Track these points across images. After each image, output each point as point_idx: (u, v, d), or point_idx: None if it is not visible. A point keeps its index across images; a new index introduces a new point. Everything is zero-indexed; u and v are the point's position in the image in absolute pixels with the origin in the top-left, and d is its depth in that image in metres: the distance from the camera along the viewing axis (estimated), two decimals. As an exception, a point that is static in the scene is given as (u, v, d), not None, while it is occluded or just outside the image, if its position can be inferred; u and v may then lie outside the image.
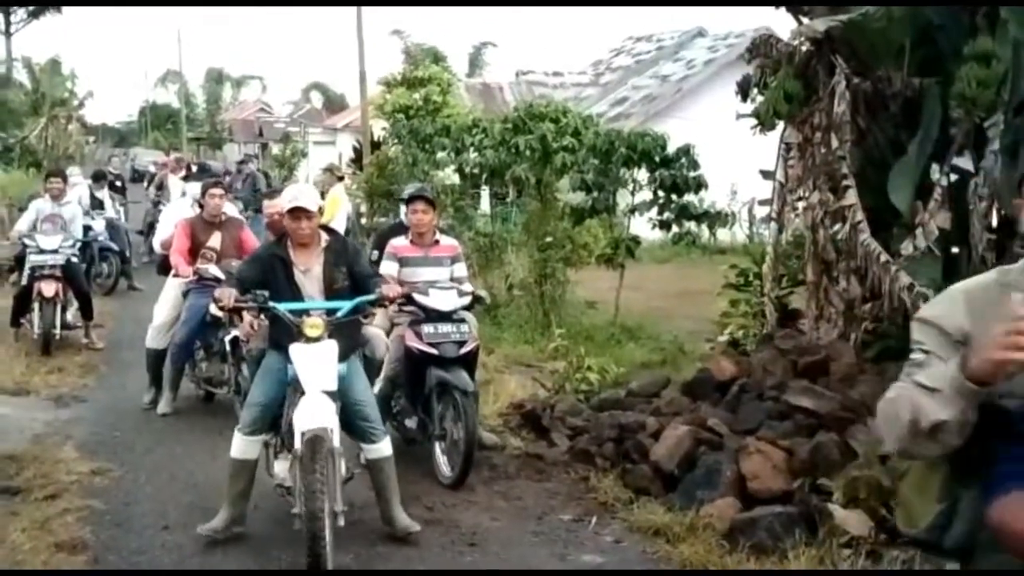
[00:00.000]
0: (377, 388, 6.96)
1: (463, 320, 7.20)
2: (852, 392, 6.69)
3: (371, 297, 5.85)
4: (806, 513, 5.74)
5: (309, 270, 5.89)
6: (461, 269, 7.68)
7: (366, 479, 6.04)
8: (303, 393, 5.47)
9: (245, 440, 5.85)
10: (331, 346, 5.55)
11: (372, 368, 6.81)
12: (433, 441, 7.10)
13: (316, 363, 5.49)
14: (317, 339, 5.52)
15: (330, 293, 5.87)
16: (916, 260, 7.49)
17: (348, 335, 5.87)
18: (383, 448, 5.85)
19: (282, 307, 5.67)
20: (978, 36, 7.29)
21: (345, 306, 5.77)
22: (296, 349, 5.52)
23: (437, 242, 7.59)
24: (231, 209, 9.56)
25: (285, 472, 5.85)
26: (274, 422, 5.89)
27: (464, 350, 7.03)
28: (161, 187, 19.32)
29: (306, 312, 5.66)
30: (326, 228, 6.15)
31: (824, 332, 8.07)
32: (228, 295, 5.66)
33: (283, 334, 5.70)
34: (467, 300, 7.27)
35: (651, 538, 6.01)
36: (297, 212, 5.76)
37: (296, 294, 5.83)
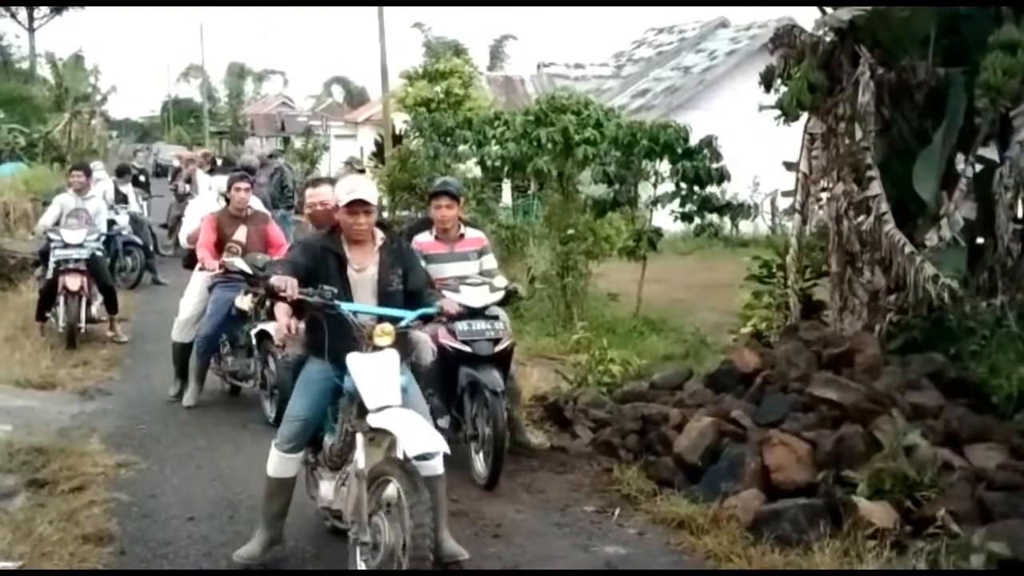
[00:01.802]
0: None
1: (496, 316, 6.98)
2: (877, 384, 6.65)
3: (431, 311, 5.37)
4: (831, 505, 5.72)
5: (364, 270, 5.41)
6: (490, 261, 7.45)
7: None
8: (358, 407, 4.98)
9: (284, 458, 5.43)
10: (394, 356, 5.06)
11: (419, 376, 6.14)
12: (468, 442, 6.96)
13: (379, 375, 4.95)
14: (381, 348, 5.04)
15: (383, 297, 5.38)
16: (941, 251, 7.46)
17: (401, 342, 5.34)
18: (437, 466, 5.18)
19: (346, 308, 5.14)
20: (1003, 25, 7.25)
21: (409, 316, 5.28)
22: (357, 359, 4.99)
23: (462, 236, 7.40)
24: (256, 203, 9.56)
25: (332, 493, 5.39)
26: (314, 437, 5.51)
27: (499, 348, 6.90)
28: (190, 181, 19.40)
29: (375, 317, 5.19)
30: (382, 225, 5.66)
31: (848, 323, 8.04)
32: (291, 286, 5.03)
33: (338, 339, 5.16)
34: (500, 295, 6.97)
35: (674, 530, 6.01)
36: (356, 205, 5.29)
37: (347, 295, 5.30)
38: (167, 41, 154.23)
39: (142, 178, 21.15)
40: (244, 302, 8.62)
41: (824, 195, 8.37)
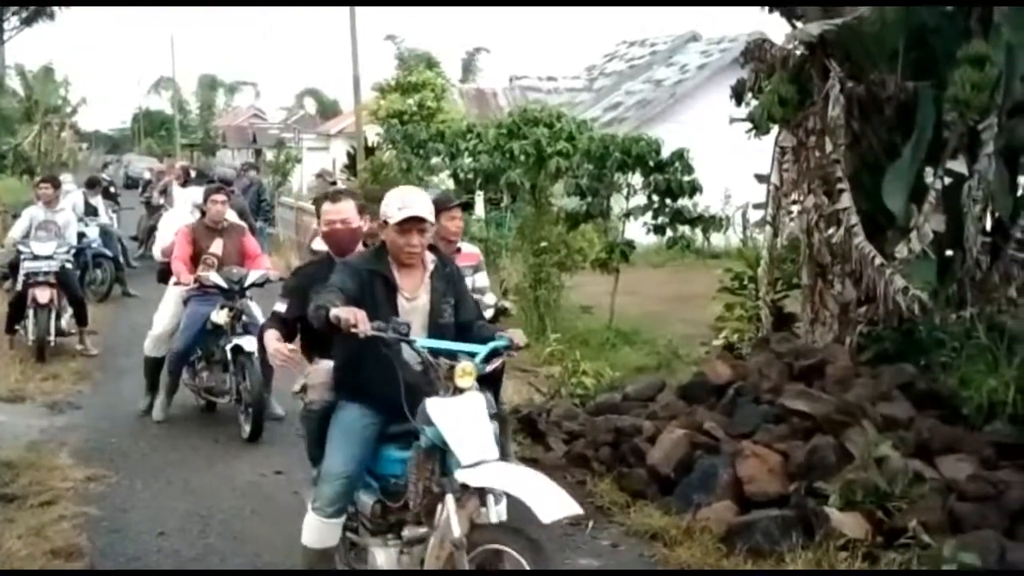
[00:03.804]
0: None
1: None
2: (848, 395, 6.69)
3: (502, 343, 4.61)
4: (803, 516, 5.74)
5: (415, 298, 4.72)
6: (483, 279, 7.13)
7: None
8: (441, 462, 4.31)
9: (325, 524, 4.69)
10: (481, 400, 4.36)
11: None
12: None
13: (471, 423, 4.26)
14: (463, 390, 4.33)
15: (433, 330, 4.70)
16: (911, 263, 7.51)
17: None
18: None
19: (420, 344, 4.42)
20: (972, 39, 7.31)
21: (482, 351, 4.52)
22: (440, 406, 4.26)
23: (459, 250, 6.76)
24: (232, 215, 9.49)
25: (392, 563, 4.67)
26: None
27: (489, 368, 6.68)
28: (165, 192, 19.33)
29: (450, 355, 4.44)
30: (430, 247, 4.91)
31: (819, 335, 8.08)
32: (361, 319, 4.24)
33: (382, 380, 4.45)
34: (490, 313, 6.66)
35: (648, 542, 6.02)
36: (410, 224, 4.57)
37: None
38: (138, 53, 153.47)
39: (111, 190, 21.02)
40: (220, 316, 8.49)
41: (795, 208, 8.41)
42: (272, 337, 5.22)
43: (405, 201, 4.60)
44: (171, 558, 5.82)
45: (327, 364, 4.93)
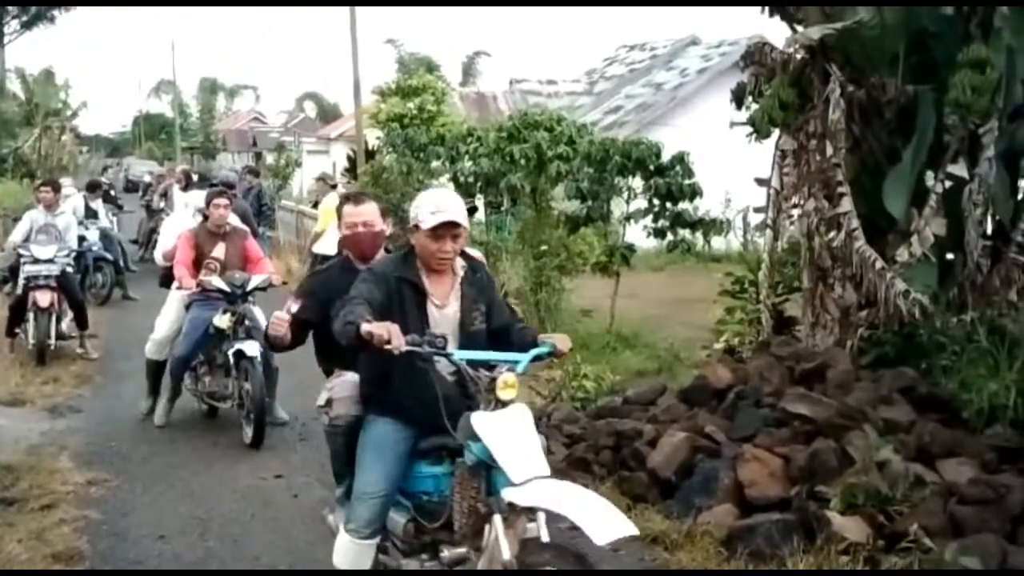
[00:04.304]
0: None
1: None
2: (849, 399, 6.68)
3: (544, 350, 4.44)
4: (804, 520, 5.73)
5: (445, 307, 4.51)
6: None
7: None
8: (487, 479, 4.09)
9: (360, 546, 4.49)
10: (527, 413, 4.17)
11: None
12: None
13: (519, 438, 4.04)
14: (506, 403, 4.11)
15: (464, 339, 4.47)
16: (911, 267, 7.51)
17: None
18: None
19: (459, 355, 4.22)
20: (972, 43, 7.32)
21: (524, 359, 4.33)
22: (486, 420, 4.04)
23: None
24: (234, 219, 9.44)
25: None
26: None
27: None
28: (165, 196, 19.34)
29: (486, 366, 4.24)
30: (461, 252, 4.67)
31: (820, 339, 8.08)
32: (395, 334, 3.99)
33: (416, 393, 4.32)
34: None
35: (649, 545, 6.00)
36: (444, 229, 4.36)
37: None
38: (138, 56, 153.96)
39: (111, 193, 21.04)
40: (222, 321, 8.42)
41: (795, 211, 8.41)
42: (278, 314, 5.03)
43: (439, 205, 4.38)
44: (171, 562, 5.82)
45: (351, 376, 4.72)
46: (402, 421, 4.44)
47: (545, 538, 3.94)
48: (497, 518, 3.97)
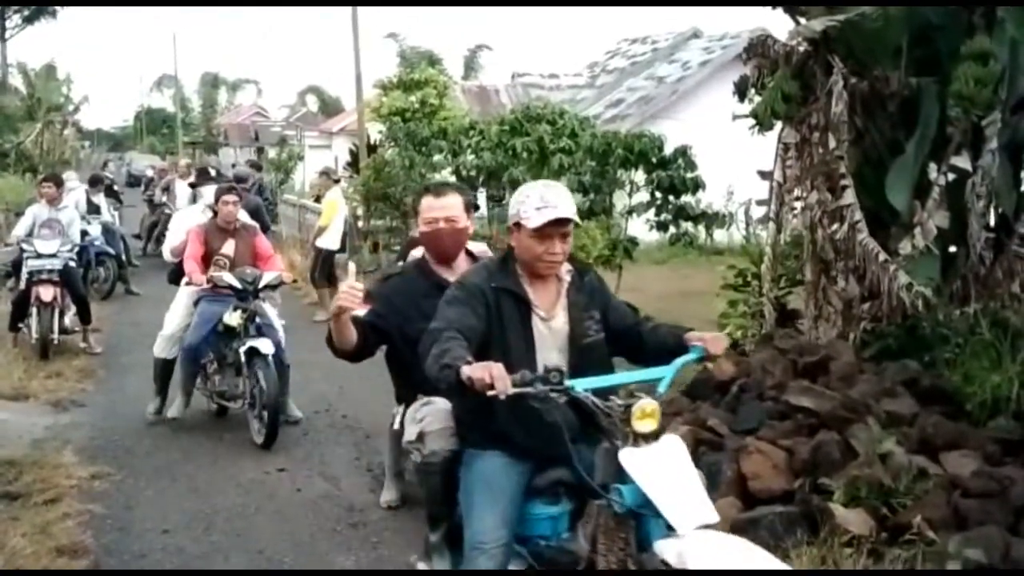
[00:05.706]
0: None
1: None
2: (852, 391, 6.68)
3: (694, 356, 3.88)
4: (807, 512, 5.73)
5: (552, 318, 3.88)
6: None
7: (363, 481, 6.02)
8: (635, 526, 3.50)
9: None
10: (681, 445, 3.59)
11: None
12: None
13: (680, 478, 3.48)
14: (646, 436, 3.51)
15: (575, 355, 3.85)
16: (914, 259, 7.50)
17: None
18: None
19: (581, 386, 3.54)
20: (975, 35, 7.30)
21: (668, 374, 3.82)
22: (637, 457, 3.44)
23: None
24: (244, 215, 9.30)
25: None
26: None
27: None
28: (167, 190, 19.34)
29: (616, 393, 3.64)
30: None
31: (823, 332, 8.08)
32: (499, 376, 3.30)
33: (528, 425, 3.72)
34: None
35: (652, 539, 5.99)
36: (552, 228, 3.72)
37: (529, 353, 3.79)
38: (140, 51, 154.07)
39: (115, 187, 21.05)
40: (233, 318, 8.24)
41: (798, 204, 8.40)
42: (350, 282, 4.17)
43: (546, 199, 3.72)
44: (176, 556, 5.83)
45: (443, 404, 4.12)
46: (512, 454, 3.81)
47: None
48: None
